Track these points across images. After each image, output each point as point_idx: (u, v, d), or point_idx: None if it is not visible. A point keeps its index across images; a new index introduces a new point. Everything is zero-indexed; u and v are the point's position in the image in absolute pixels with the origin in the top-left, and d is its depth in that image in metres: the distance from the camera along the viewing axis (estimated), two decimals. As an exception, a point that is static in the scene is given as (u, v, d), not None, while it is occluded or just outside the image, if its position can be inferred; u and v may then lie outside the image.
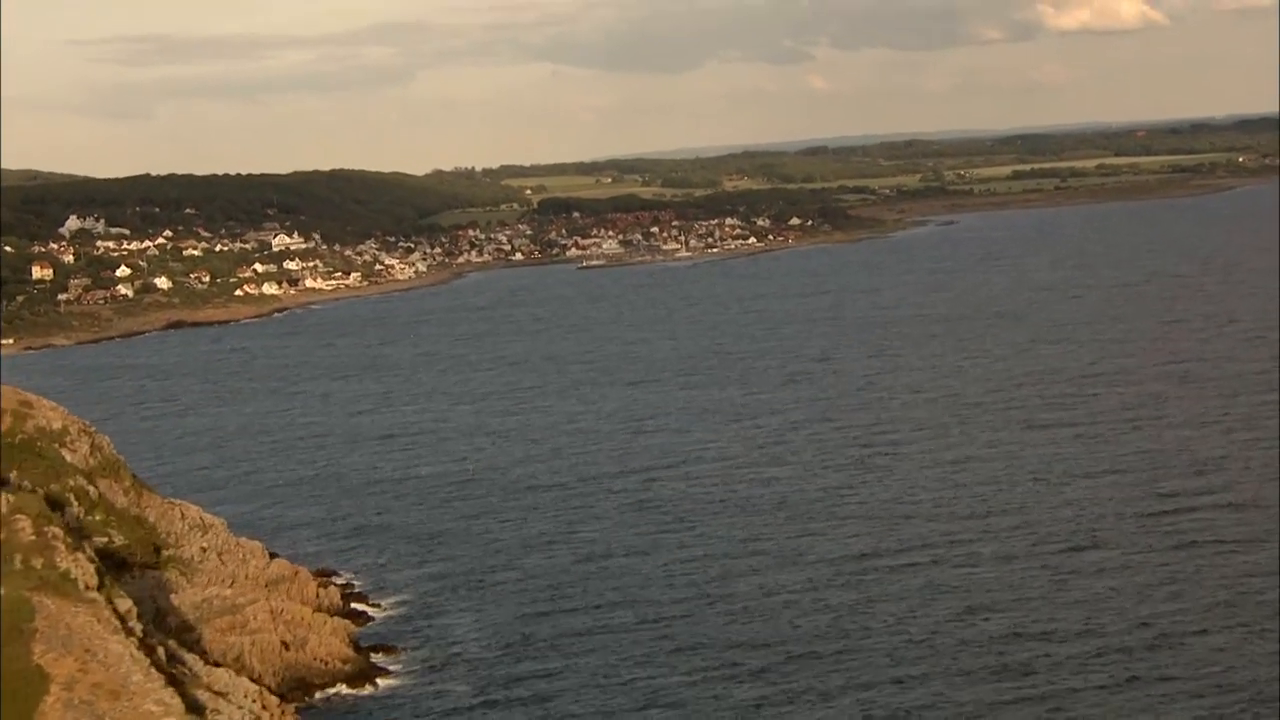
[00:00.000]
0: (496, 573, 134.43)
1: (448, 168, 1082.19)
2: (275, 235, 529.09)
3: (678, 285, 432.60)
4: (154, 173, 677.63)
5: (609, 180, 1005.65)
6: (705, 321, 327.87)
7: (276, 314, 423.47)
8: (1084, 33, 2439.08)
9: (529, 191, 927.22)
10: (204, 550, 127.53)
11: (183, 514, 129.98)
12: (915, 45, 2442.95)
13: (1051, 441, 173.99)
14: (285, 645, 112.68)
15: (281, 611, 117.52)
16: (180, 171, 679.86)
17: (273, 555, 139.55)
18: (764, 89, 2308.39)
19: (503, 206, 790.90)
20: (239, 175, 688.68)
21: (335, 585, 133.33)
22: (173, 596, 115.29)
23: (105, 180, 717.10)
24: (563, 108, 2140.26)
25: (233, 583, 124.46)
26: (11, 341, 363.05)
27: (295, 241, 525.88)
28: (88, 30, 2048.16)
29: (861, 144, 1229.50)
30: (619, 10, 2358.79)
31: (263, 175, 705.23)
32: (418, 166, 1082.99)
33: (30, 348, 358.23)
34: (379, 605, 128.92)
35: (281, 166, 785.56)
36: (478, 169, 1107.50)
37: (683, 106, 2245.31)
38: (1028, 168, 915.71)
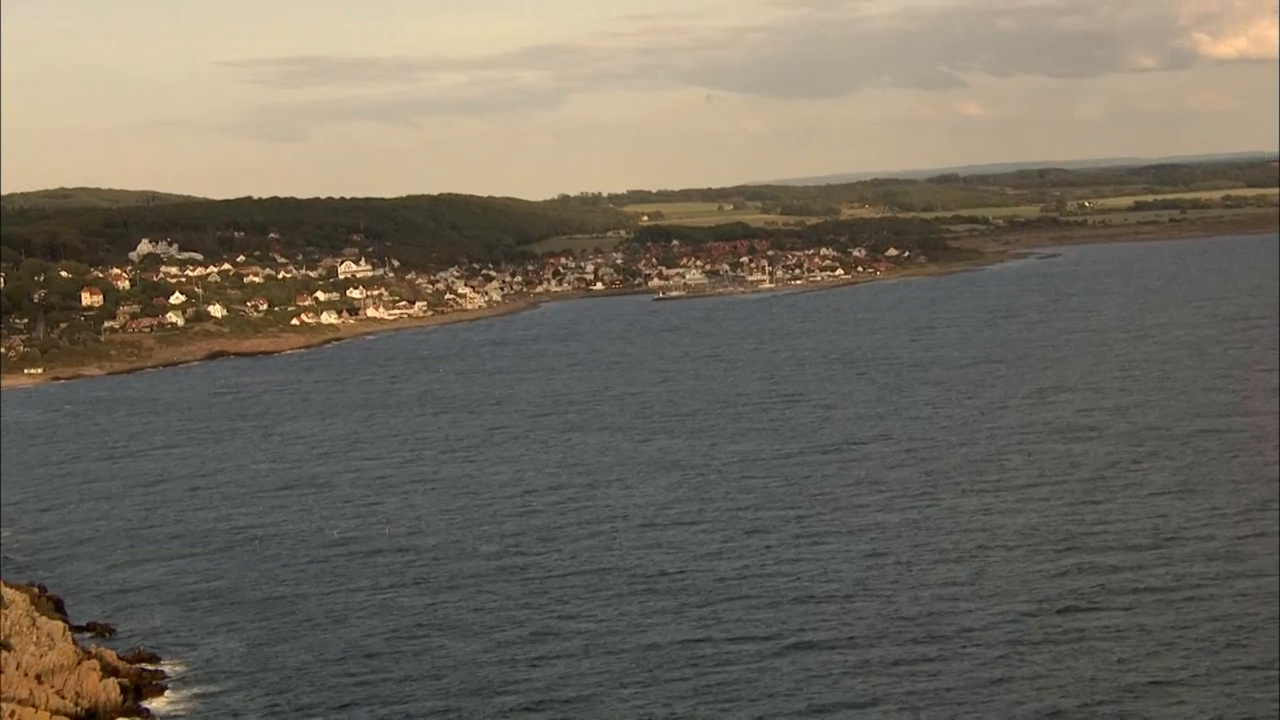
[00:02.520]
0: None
1: (575, 192, 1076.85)
2: (343, 262, 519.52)
3: (737, 320, 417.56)
4: (304, 196, 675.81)
5: (730, 207, 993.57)
6: (731, 360, 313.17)
7: (328, 345, 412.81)
8: (1241, 61, 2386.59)
9: (645, 218, 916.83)
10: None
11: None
12: (1069, 72, 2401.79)
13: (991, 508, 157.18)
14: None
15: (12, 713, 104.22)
16: (332, 195, 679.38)
17: (91, 630, 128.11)
18: (917, 115, 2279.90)
19: (609, 233, 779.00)
20: (330, 199, 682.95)
21: (136, 673, 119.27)
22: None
23: (212, 202, 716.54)
24: (714, 133, 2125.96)
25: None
26: (40, 371, 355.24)
27: (362, 269, 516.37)
28: (240, 52, 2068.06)
29: (997, 172, 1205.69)
30: (772, 35, 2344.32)
31: (366, 199, 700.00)
32: (556, 190, 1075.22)
33: (59, 378, 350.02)
34: (176, 700, 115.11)
35: (431, 188, 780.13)
36: (604, 194, 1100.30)
37: (834, 132, 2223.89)
38: (1150, 199, 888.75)
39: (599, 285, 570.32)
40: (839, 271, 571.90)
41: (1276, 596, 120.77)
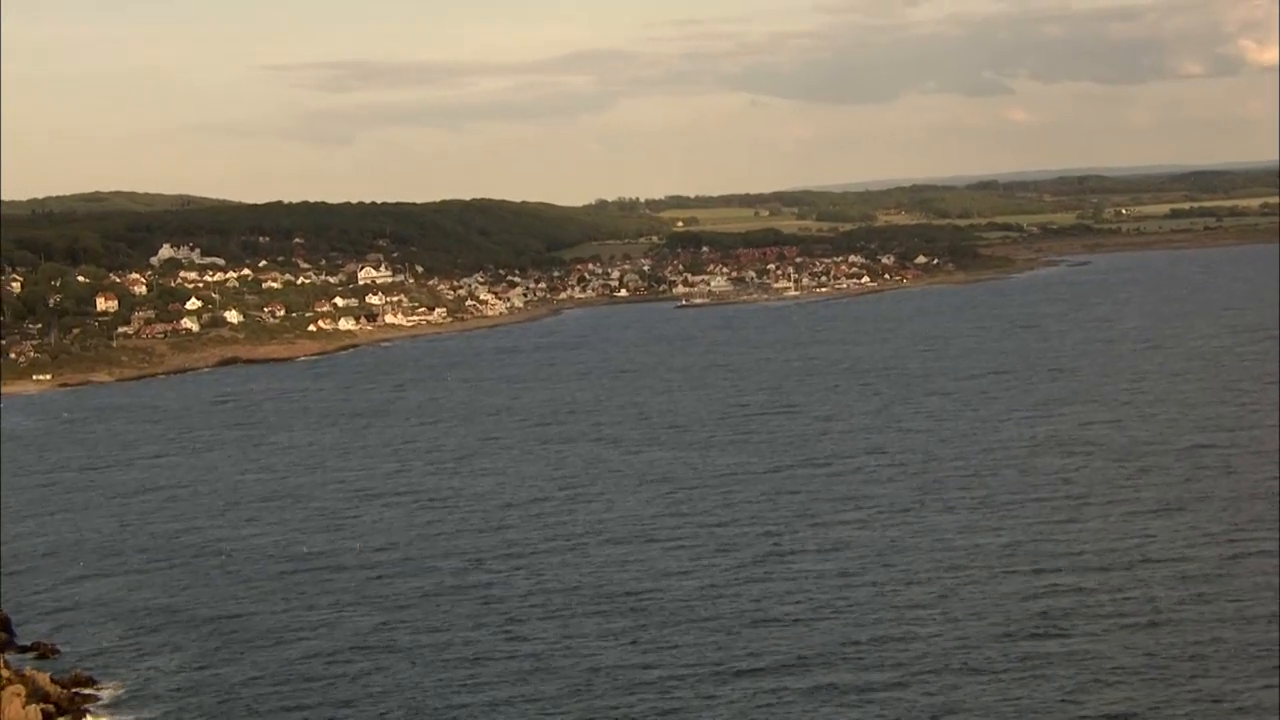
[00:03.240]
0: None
1: (614, 197, 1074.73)
2: (363, 268, 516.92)
3: (755, 328, 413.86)
4: (349, 200, 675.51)
5: (766, 213, 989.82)
6: (739, 369, 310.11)
7: (343, 351, 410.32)
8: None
9: (680, 224, 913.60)
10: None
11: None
12: (1116, 79, 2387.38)
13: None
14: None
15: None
16: (376, 200, 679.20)
17: (36, 649, 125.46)
18: (962, 121, 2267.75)
19: (641, 239, 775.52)
20: (360, 204, 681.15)
21: (68, 697, 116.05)
22: None
23: (241, 207, 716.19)
24: (757, 139, 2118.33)
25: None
26: (49, 377, 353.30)
27: (382, 275, 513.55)
28: (288, 56, 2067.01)
29: (1039, 179, 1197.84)
30: (817, 40, 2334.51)
31: (396, 205, 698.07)
32: (596, 195, 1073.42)
33: (67, 384, 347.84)
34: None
35: (474, 193, 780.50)
36: (642, 199, 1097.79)
37: (877, 139, 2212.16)
38: (1187, 206, 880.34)
39: (623, 292, 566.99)
40: (865, 279, 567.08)
41: (1249, 622, 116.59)
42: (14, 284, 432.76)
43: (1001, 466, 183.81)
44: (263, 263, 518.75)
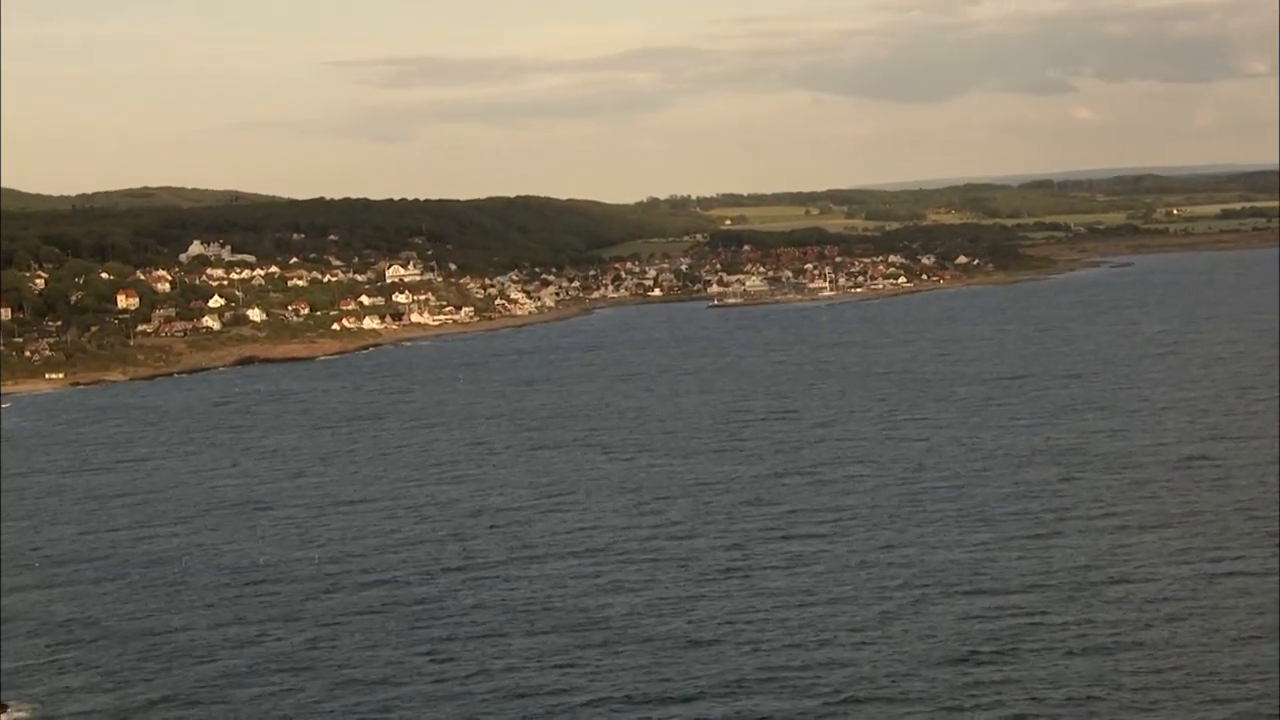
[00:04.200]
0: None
1: (665, 195, 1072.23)
2: (391, 266, 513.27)
3: (779, 329, 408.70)
4: (405, 197, 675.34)
5: (817, 211, 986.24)
6: (748, 373, 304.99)
7: (363, 351, 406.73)
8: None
9: (728, 222, 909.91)
10: None
11: None
12: (1181, 77, 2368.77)
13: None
14: None
15: None
16: (431, 196, 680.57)
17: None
18: (1026, 119, 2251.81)
19: (685, 238, 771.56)
20: (401, 200, 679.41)
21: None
22: None
23: (279, 202, 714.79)
24: (817, 136, 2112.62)
25: None
26: (61, 376, 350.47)
27: (411, 273, 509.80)
28: (349, 52, 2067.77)
29: (1092, 178, 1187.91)
30: (880, 38, 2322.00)
31: (438, 201, 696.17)
32: (648, 193, 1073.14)
33: (79, 383, 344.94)
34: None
35: (531, 189, 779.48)
36: (693, 197, 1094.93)
37: (938, 137, 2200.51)
38: (1239, 206, 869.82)
39: (657, 291, 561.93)
40: (901, 279, 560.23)
41: (1210, 651, 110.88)
42: (38, 280, 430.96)
43: (989, 478, 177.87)
44: (293, 260, 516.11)
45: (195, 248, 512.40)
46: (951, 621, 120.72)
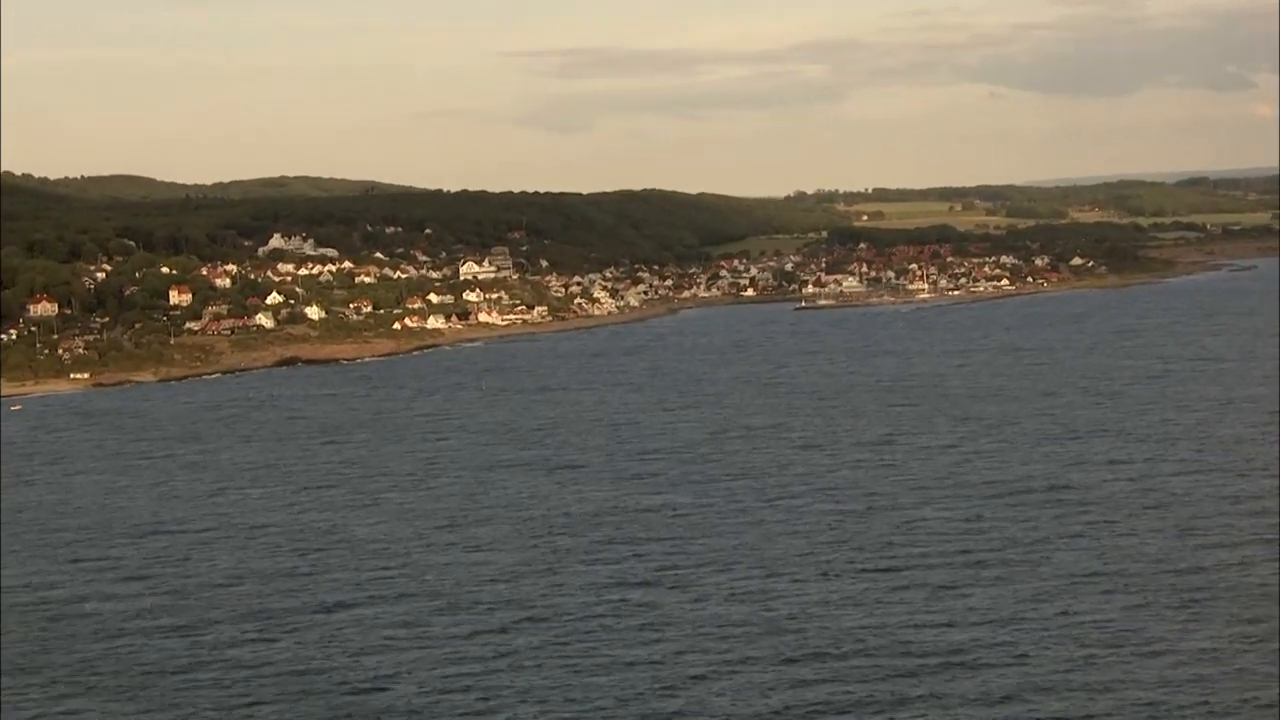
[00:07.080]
0: None
1: (813, 189, 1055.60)
2: (465, 263, 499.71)
3: (842, 336, 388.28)
4: (565, 189, 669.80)
5: (959, 208, 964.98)
6: (771, 384, 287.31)
7: (417, 352, 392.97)
8: None
9: (865, 217, 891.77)
10: None
11: None
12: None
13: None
14: None
15: None
16: (605, 189, 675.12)
17: None
18: (1203, 116, 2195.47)
19: (809, 234, 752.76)
20: (503, 194, 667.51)
21: None
22: None
23: (388, 195, 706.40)
24: (994, 130, 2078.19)
25: None
26: (86, 376, 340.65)
27: (486, 270, 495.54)
28: (523, 42, 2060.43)
29: (1252, 176, 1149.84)
30: (1054, 32, 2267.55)
31: (556, 194, 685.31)
32: (803, 186, 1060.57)
33: (102, 384, 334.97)
34: None
35: (686, 183, 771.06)
36: (841, 191, 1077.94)
37: (1117, 132, 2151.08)
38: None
39: (750, 291, 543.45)
40: (1003, 282, 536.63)
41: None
42: (99, 274, 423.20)
43: (963, 514, 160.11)
44: (377, 254, 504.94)
45: (275, 241, 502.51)
46: (785, 686, 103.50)
